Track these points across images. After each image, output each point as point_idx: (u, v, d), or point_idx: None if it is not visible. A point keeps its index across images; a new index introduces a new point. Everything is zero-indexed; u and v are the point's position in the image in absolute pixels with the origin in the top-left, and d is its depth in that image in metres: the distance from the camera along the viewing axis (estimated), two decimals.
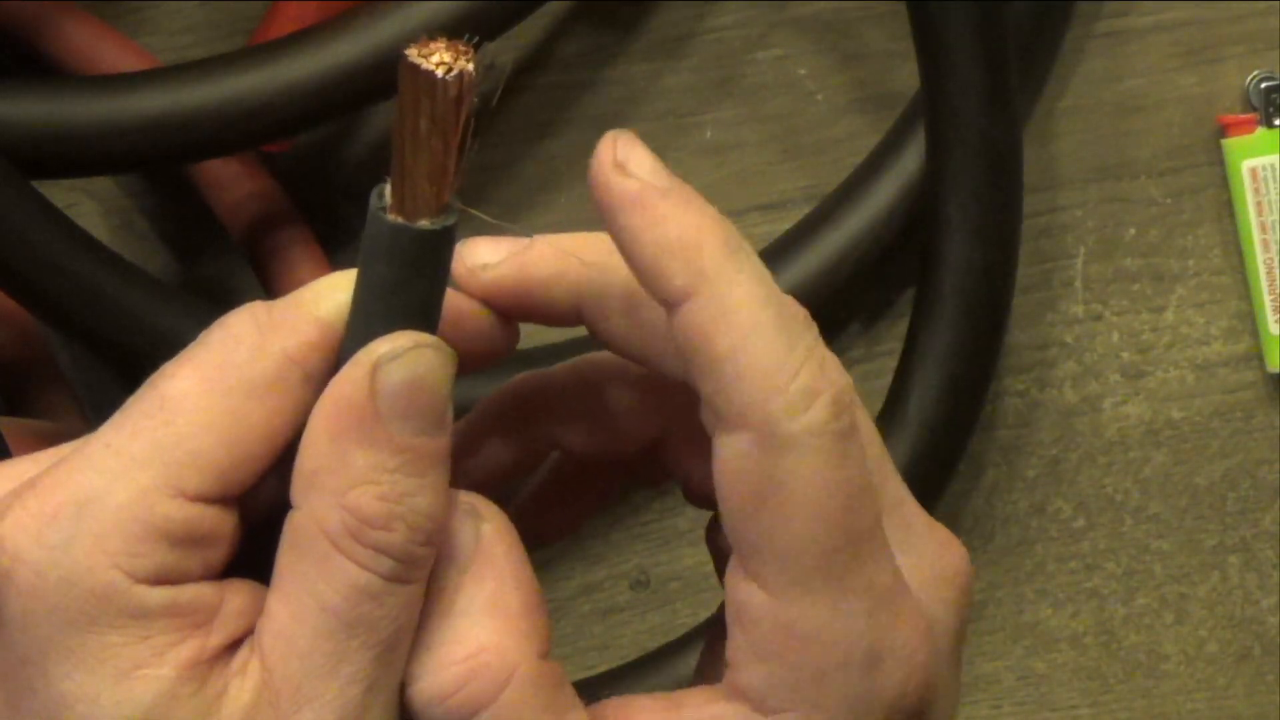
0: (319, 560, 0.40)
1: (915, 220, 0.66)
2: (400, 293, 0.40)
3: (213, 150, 0.64)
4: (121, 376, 0.65)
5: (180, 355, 0.41)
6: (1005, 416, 0.71)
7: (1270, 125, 0.69)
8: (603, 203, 0.39)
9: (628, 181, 0.39)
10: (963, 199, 0.64)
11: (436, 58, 0.38)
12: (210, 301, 0.63)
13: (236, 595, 0.41)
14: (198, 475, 0.40)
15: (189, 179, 0.67)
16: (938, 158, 0.64)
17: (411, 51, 0.38)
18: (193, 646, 0.40)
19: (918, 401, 0.65)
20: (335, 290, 0.41)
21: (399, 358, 0.40)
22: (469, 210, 0.40)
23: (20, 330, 0.66)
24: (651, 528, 0.70)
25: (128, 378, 0.42)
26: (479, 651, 0.40)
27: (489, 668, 0.40)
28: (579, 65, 0.69)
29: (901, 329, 0.67)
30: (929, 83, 0.64)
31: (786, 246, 0.67)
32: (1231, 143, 0.69)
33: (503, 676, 0.40)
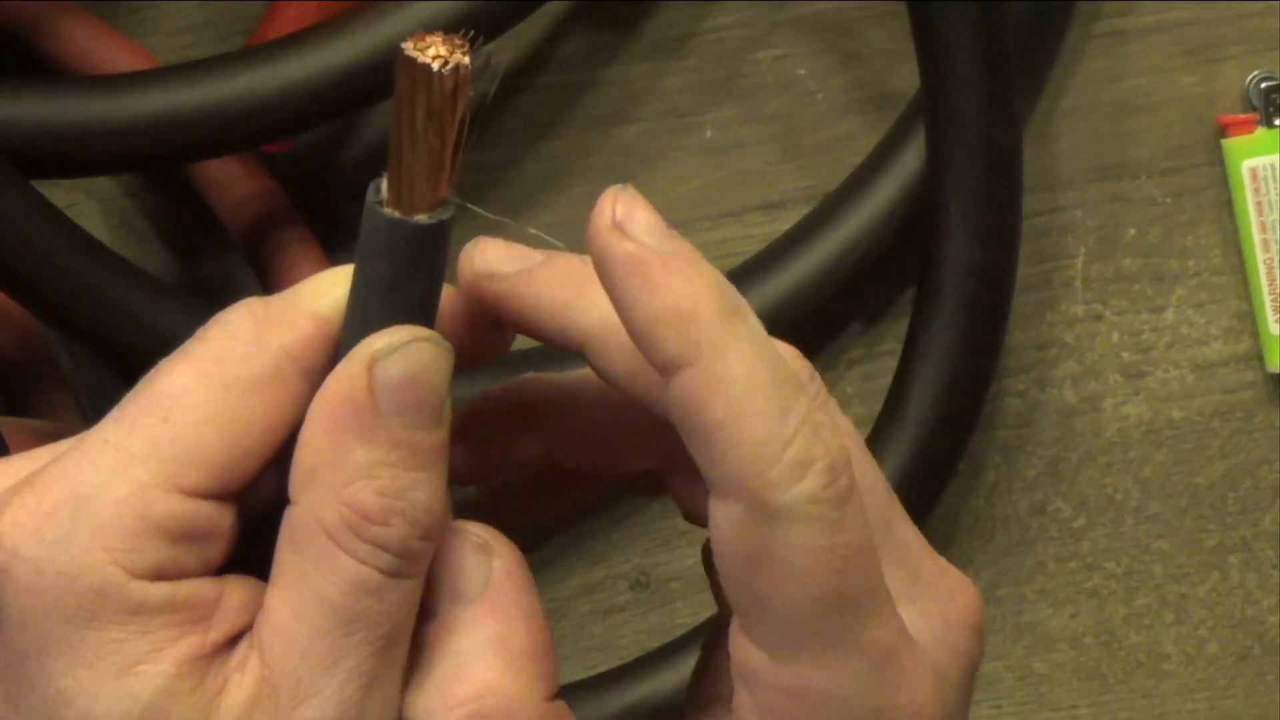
0: (318, 556, 0.40)
1: (915, 220, 0.66)
2: (397, 287, 0.40)
3: (213, 150, 0.63)
4: (121, 376, 0.65)
5: (178, 351, 0.41)
6: (1005, 416, 0.70)
7: (1270, 125, 0.69)
8: (599, 264, 0.39)
9: (625, 244, 0.38)
10: (963, 199, 0.64)
11: (433, 51, 0.38)
12: (210, 301, 0.63)
13: (235, 591, 0.41)
14: (196, 471, 0.40)
15: (189, 179, 0.67)
16: (938, 158, 0.64)
17: (408, 45, 0.38)
18: (192, 642, 0.40)
19: (918, 401, 0.65)
20: (333, 285, 0.41)
21: (396, 352, 0.39)
22: (466, 205, 0.40)
23: (20, 330, 0.66)
24: (651, 528, 0.70)
25: (128, 378, 0.42)
26: (484, 693, 0.40)
27: (493, 711, 0.40)
28: (579, 65, 0.69)
29: (901, 329, 0.67)
30: (929, 83, 0.64)
31: (786, 246, 0.67)
32: (1231, 143, 0.69)
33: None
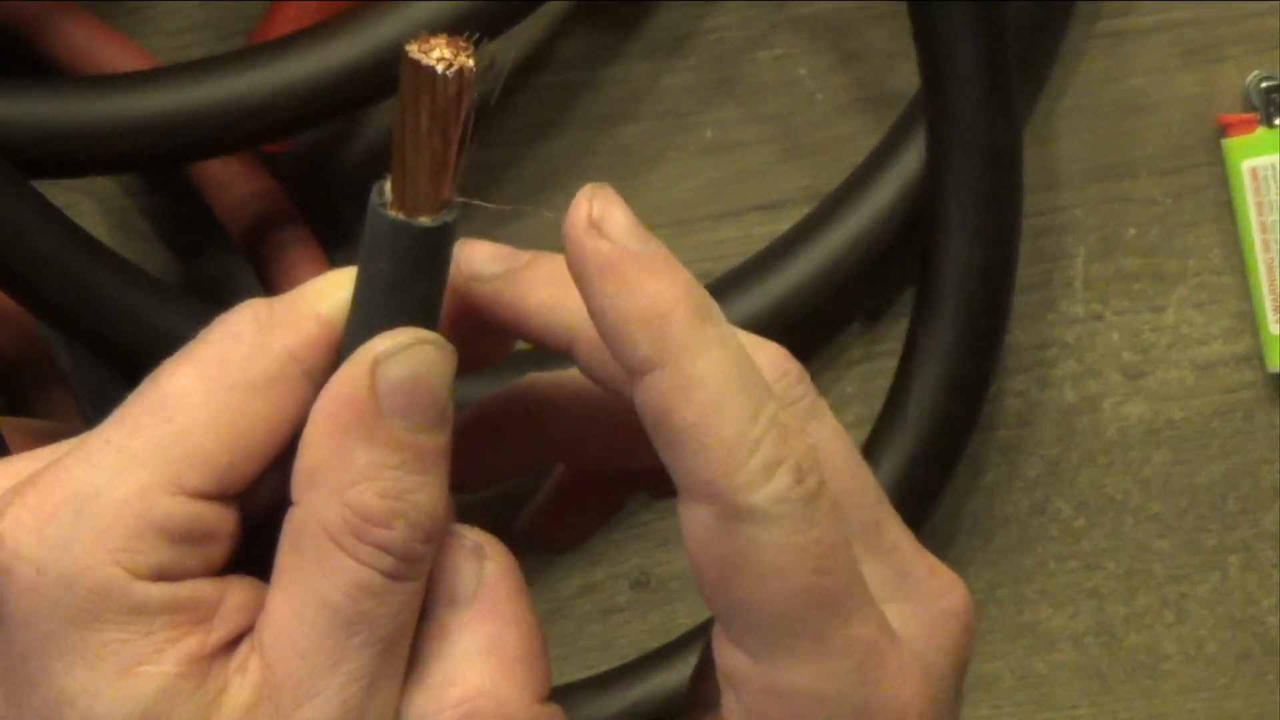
0: (320, 557, 0.40)
1: (915, 220, 0.66)
2: (400, 289, 0.40)
3: (213, 150, 0.63)
4: (121, 376, 0.65)
5: (181, 352, 0.41)
6: (1005, 416, 0.70)
7: (1270, 125, 0.69)
8: (573, 264, 0.39)
9: (600, 244, 0.38)
10: (963, 199, 0.64)
11: (437, 53, 0.38)
12: (210, 301, 0.63)
13: (237, 592, 0.41)
14: (198, 472, 0.40)
15: (189, 179, 0.67)
16: (938, 158, 0.64)
17: (412, 47, 0.38)
18: (193, 643, 0.40)
19: (918, 401, 0.65)
20: (336, 287, 0.41)
21: (399, 354, 0.39)
22: (471, 203, 0.40)
23: (20, 330, 0.66)
24: (651, 528, 0.70)
25: (128, 378, 0.42)
26: (475, 695, 0.40)
27: (485, 713, 0.40)
28: (579, 65, 0.69)
29: (901, 329, 0.67)
30: (929, 83, 0.64)
31: (786, 246, 0.67)
32: (1231, 143, 0.69)
33: None
